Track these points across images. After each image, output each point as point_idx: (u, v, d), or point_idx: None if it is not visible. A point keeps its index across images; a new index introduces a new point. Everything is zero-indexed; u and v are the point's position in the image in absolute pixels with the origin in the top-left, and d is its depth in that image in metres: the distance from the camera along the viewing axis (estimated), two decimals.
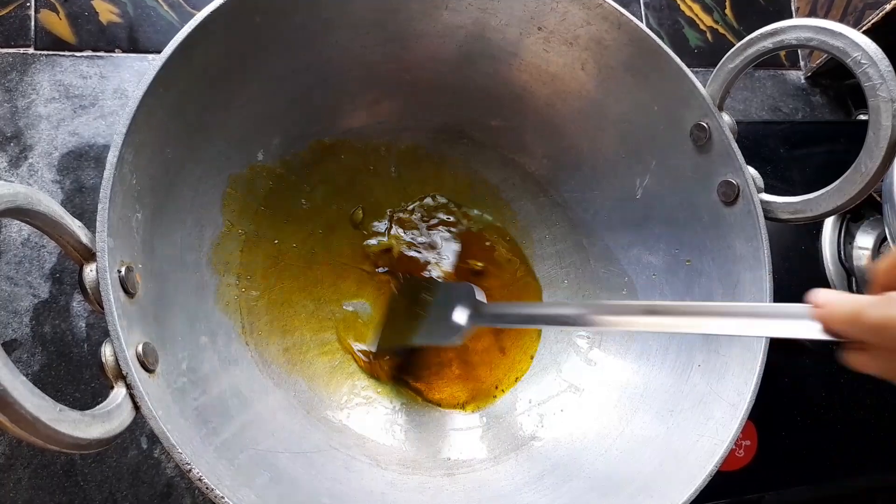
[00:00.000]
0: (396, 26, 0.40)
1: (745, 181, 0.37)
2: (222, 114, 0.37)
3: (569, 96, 0.43)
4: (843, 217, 0.54)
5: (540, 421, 0.42)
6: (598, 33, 0.40)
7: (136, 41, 0.49)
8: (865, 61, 0.32)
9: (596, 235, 0.46)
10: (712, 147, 0.38)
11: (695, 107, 0.39)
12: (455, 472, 0.38)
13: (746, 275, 0.37)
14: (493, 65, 0.43)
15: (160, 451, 0.41)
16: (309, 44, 0.39)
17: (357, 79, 0.42)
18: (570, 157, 0.46)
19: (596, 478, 0.36)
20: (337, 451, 0.37)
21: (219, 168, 0.38)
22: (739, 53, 0.38)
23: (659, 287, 0.43)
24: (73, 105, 0.46)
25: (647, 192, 0.43)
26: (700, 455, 0.33)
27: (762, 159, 0.55)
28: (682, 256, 0.41)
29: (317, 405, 0.39)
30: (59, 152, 0.45)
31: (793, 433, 0.48)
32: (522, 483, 0.37)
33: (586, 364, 0.44)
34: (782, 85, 0.63)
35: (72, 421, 0.22)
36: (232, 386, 0.35)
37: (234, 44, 0.35)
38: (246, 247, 0.41)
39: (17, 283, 0.42)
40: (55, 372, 0.41)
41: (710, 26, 0.62)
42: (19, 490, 0.39)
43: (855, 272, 0.52)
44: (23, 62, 0.46)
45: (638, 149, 0.42)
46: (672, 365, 0.39)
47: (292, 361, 0.40)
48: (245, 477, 0.29)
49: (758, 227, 0.36)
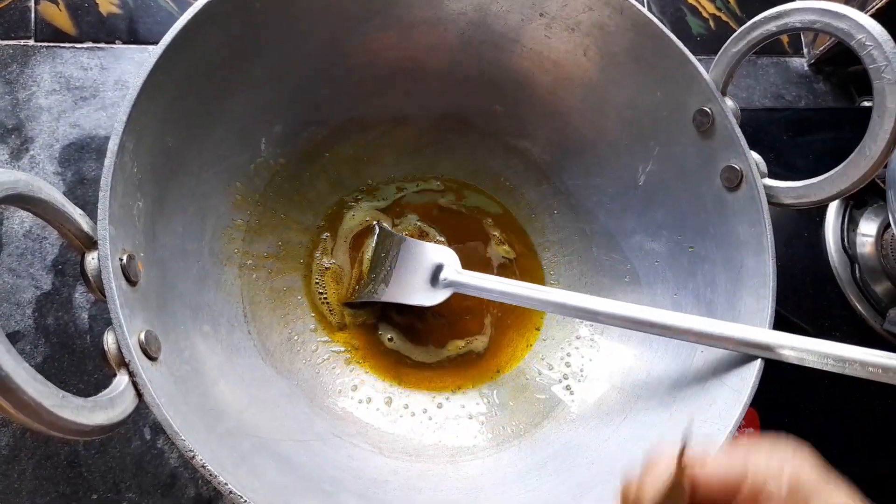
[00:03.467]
0: (398, 13, 0.40)
1: (748, 166, 0.37)
2: (223, 102, 0.37)
3: (571, 83, 0.43)
4: (847, 203, 0.54)
5: (543, 408, 0.42)
6: (601, 19, 0.39)
7: (137, 32, 0.49)
8: (871, 43, 0.31)
9: (598, 223, 0.46)
10: (715, 132, 0.38)
11: (698, 92, 0.38)
12: (458, 459, 0.38)
13: (750, 260, 0.37)
14: (494, 52, 0.43)
15: (163, 441, 0.41)
16: (310, 31, 0.39)
17: (358, 66, 0.42)
18: (573, 143, 0.46)
19: (599, 464, 0.36)
20: (340, 438, 0.37)
21: (220, 156, 0.38)
22: (743, 37, 0.37)
23: (661, 274, 0.42)
24: (74, 97, 0.46)
25: (649, 179, 0.43)
26: (702, 441, 0.33)
27: (765, 147, 0.54)
28: (684, 243, 0.41)
29: (319, 393, 0.39)
30: (61, 144, 0.45)
31: (795, 420, 0.48)
32: (525, 470, 0.37)
33: (589, 350, 0.44)
34: (785, 72, 0.62)
35: (74, 407, 0.22)
36: (235, 374, 0.35)
37: (233, 31, 0.35)
38: (247, 235, 0.41)
39: (19, 275, 0.42)
40: (58, 363, 0.41)
41: (713, 14, 0.62)
42: (24, 480, 0.39)
43: (858, 259, 0.52)
44: (23, 54, 0.46)
45: (641, 135, 0.42)
46: (675, 350, 0.39)
47: (295, 350, 0.40)
48: (248, 465, 0.29)
49: (761, 211, 0.36)
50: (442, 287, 0.41)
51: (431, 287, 0.41)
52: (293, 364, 0.40)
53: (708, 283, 0.39)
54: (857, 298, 0.51)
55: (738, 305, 0.37)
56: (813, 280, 0.52)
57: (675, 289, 0.41)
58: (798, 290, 0.51)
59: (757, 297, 0.36)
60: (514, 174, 0.48)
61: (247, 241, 0.40)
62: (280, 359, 0.39)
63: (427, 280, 0.41)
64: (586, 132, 0.45)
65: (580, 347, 0.44)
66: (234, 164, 0.40)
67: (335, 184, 0.45)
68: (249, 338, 0.38)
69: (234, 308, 0.38)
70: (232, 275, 0.39)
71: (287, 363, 0.39)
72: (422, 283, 0.41)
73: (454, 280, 0.41)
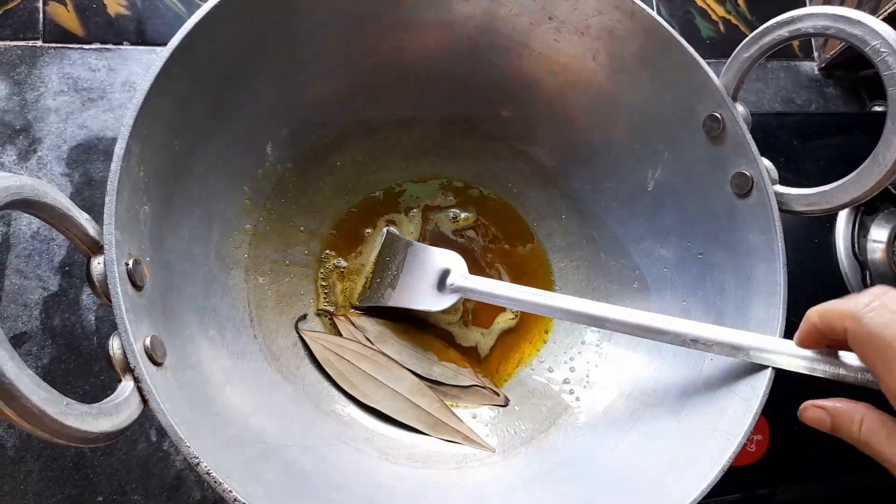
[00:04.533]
0: (406, 16, 0.40)
1: (759, 173, 0.36)
2: (230, 105, 0.37)
3: (580, 87, 0.43)
4: (857, 210, 0.54)
5: (550, 414, 0.41)
6: (611, 23, 0.39)
7: (145, 33, 0.49)
8: (885, 49, 0.31)
9: (606, 228, 0.46)
10: (726, 138, 0.38)
11: (708, 97, 0.38)
12: (464, 465, 0.38)
13: (760, 267, 0.36)
14: (502, 55, 0.43)
15: (169, 444, 0.41)
16: (317, 34, 0.39)
17: (366, 69, 0.42)
18: (581, 148, 0.45)
19: (606, 472, 0.35)
20: (346, 444, 0.37)
21: (227, 160, 0.38)
22: (755, 42, 0.37)
23: (671, 280, 0.42)
24: (82, 98, 0.46)
25: (659, 185, 0.43)
26: (712, 450, 0.32)
27: (775, 152, 0.54)
28: (694, 249, 0.41)
29: (326, 398, 0.39)
30: (68, 145, 0.45)
31: (805, 428, 0.47)
32: (532, 478, 0.37)
33: (597, 357, 0.44)
34: (796, 76, 0.62)
35: (79, 414, 0.22)
36: (240, 379, 0.35)
37: (241, 33, 0.35)
38: (254, 239, 0.40)
39: (26, 277, 0.42)
40: (65, 365, 0.41)
41: (723, 17, 0.62)
42: (30, 482, 0.39)
43: (869, 266, 0.52)
44: (31, 55, 0.46)
45: (650, 140, 0.42)
46: (684, 359, 0.38)
47: (301, 355, 0.40)
48: (253, 471, 0.29)
49: (772, 219, 0.36)
50: (449, 292, 0.41)
51: (438, 292, 0.41)
52: (299, 369, 0.39)
53: (717, 291, 0.39)
54: None
55: (749, 313, 0.36)
56: (823, 287, 0.51)
57: (683, 295, 0.41)
58: (808, 296, 0.50)
59: (767, 305, 0.35)
60: (521, 178, 0.48)
61: (253, 246, 0.40)
62: (286, 363, 0.39)
63: (434, 285, 0.41)
64: (594, 137, 0.44)
65: (587, 353, 0.44)
66: (240, 168, 0.39)
67: (342, 188, 0.45)
68: (255, 342, 0.38)
69: (240, 312, 0.38)
70: (238, 279, 0.39)
71: (293, 368, 0.39)
72: (429, 288, 0.41)
73: (462, 286, 0.40)
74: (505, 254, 0.47)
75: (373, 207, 0.46)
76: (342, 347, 0.40)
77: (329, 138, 0.44)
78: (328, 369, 0.40)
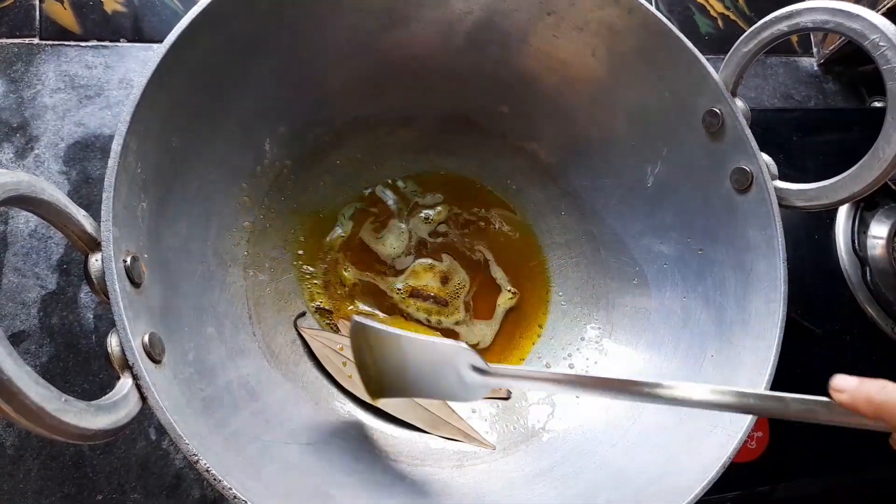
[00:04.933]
0: (404, 12, 0.40)
1: (758, 168, 0.36)
2: (228, 102, 0.37)
3: (579, 83, 0.43)
4: (857, 206, 0.54)
5: (550, 411, 0.41)
6: (609, 18, 0.39)
7: (141, 30, 0.49)
8: (884, 43, 0.31)
9: (606, 225, 0.46)
10: (725, 133, 0.38)
11: (707, 93, 0.38)
12: (464, 463, 0.38)
13: (760, 263, 0.36)
14: (501, 51, 0.43)
15: (168, 442, 0.41)
16: (315, 30, 0.38)
17: (364, 66, 0.42)
18: (580, 144, 0.45)
19: (607, 469, 0.35)
20: (346, 442, 0.37)
21: (224, 157, 0.38)
22: (754, 37, 0.37)
23: (671, 276, 0.42)
24: (79, 95, 0.46)
25: (658, 181, 0.42)
26: (713, 446, 0.32)
27: (774, 147, 0.53)
28: (693, 245, 0.41)
29: (325, 395, 0.39)
30: (66, 143, 0.45)
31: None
32: (532, 475, 0.37)
33: (597, 354, 0.44)
34: (794, 72, 0.62)
35: (77, 411, 0.22)
36: (239, 377, 0.35)
37: (239, 30, 0.35)
38: (252, 237, 0.40)
39: (24, 275, 0.42)
40: (63, 363, 0.41)
41: (721, 13, 0.61)
42: (29, 481, 0.39)
43: (869, 262, 0.52)
44: (28, 52, 0.46)
45: (649, 136, 0.42)
46: (684, 355, 0.38)
47: (300, 352, 0.40)
48: (253, 468, 0.29)
49: (772, 214, 0.36)
50: (478, 387, 0.33)
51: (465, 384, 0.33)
52: (298, 366, 0.39)
53: (718, 286, 0.39)
54: (867, 301, 0.51)
55: (749, 308, 0.36)
56: (823, 282, 0.51)
57: (684, 292, 0.41)
58: (808, 292, 0.51)
59: (767, 300, 0.35)
60: (520, 175, 0.48)
61: (252, 243, 0.40)
62: (285, 361, 0.39)
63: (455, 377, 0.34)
64: (594, 133, 0.44)
65: (587, 350, 0.44)
66: (239, 165, 0.39)
67: (340, 185, 0.45)
68: (254, 339, 0.38)
69: (238, 310, 0.38)
70: (237, 276, 0.39)
71: (292, 365, 0.39)
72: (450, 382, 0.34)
73: (487, 382, 0.33)
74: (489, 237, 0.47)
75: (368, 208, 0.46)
76: (341, 345, 0.40)
77: (327, 135, 0.44)
78: (327, 367, 0.40)
